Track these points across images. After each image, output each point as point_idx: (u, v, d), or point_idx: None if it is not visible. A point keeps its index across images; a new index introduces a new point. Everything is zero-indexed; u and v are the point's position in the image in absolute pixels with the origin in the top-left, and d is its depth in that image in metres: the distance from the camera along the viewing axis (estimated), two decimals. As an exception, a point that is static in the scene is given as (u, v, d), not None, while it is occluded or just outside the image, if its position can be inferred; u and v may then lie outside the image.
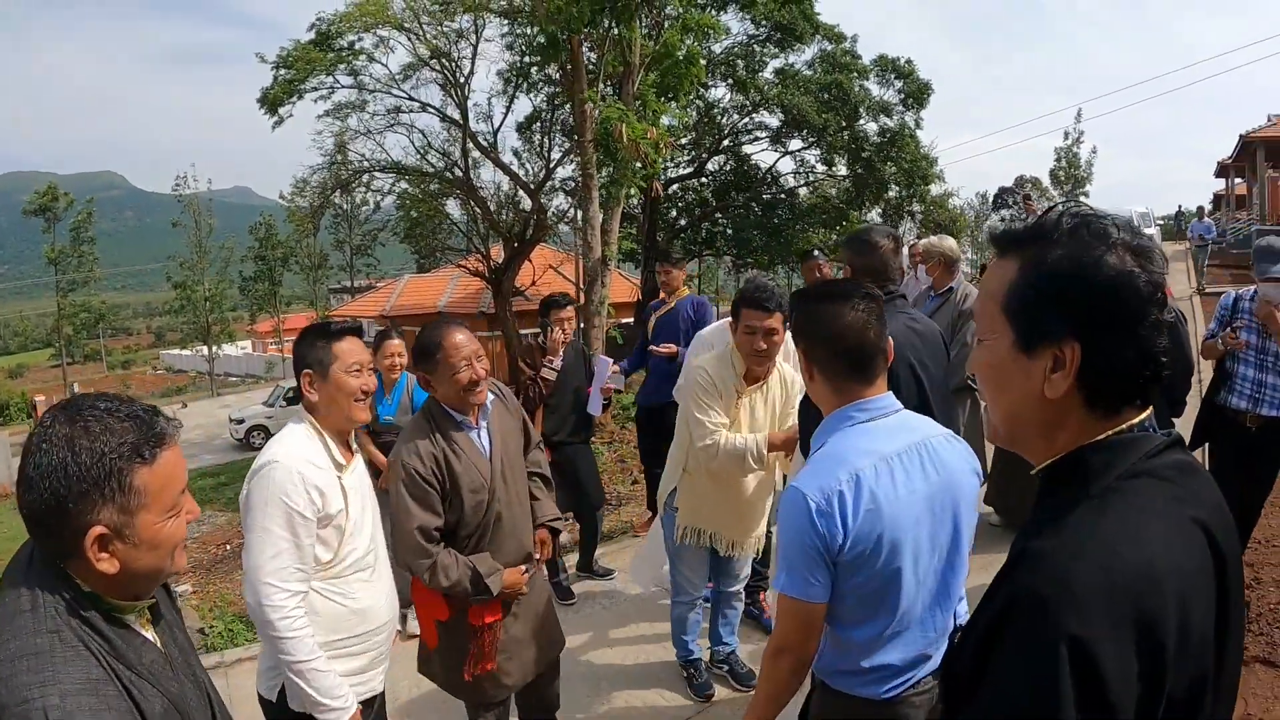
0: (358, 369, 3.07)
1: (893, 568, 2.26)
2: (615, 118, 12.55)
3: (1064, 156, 56.78)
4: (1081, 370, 1.32)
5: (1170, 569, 1.19)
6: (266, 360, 62.87)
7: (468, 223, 26.34)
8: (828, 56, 28.47)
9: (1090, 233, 1.34)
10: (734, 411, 4.18)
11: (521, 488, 3.73)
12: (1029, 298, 1.37)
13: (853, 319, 2.38)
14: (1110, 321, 1.30)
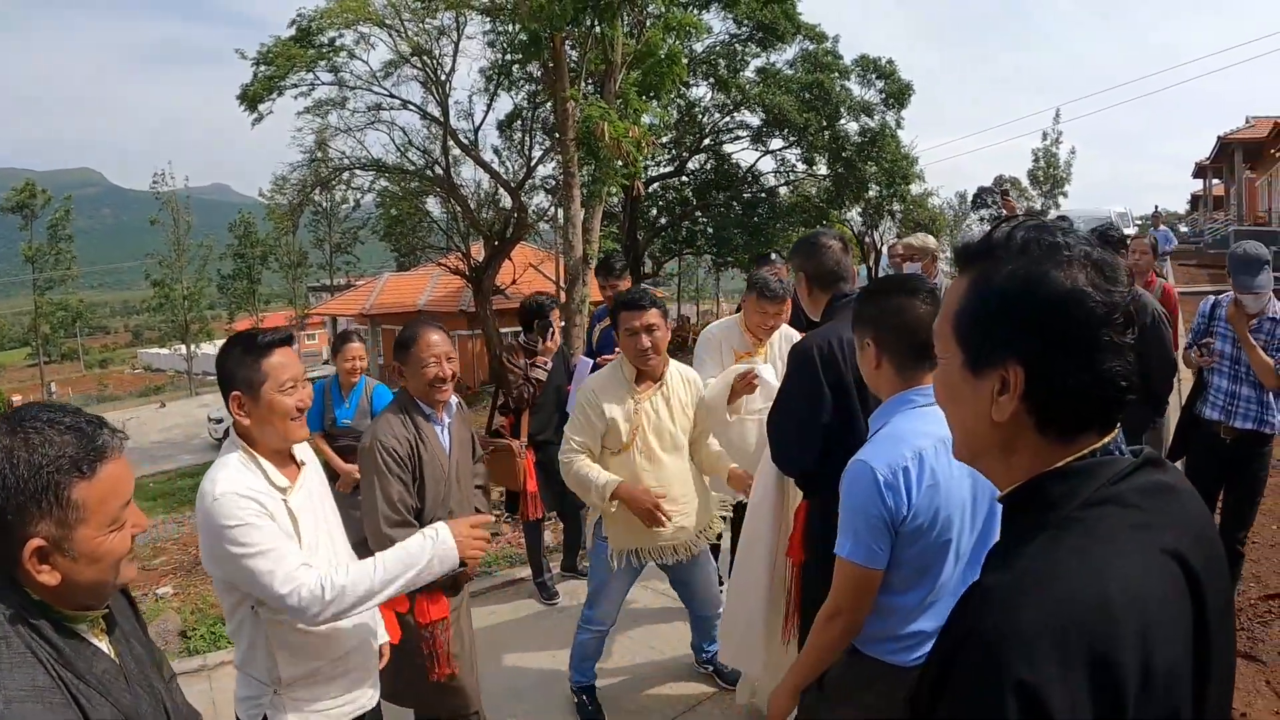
0: (291, 385, 2.77)
1: (944, 540, 2.45)
2: (597, 116, 12.53)
3: (1043, 157, 57.13)
4: (1029, 394, 1.26)
5: (1130, 604, 1.12)
6: (244, 360, 62.71)
7: (448, 221, 26.34)
8: (809, 56, 28.61)
9: (1041, 247, 1.27)
10: (636, 418, 4.18)
11: (469, 494, 3.83)
12: (975, 317, 1.31)
13: (924, 312, 2.50)
14: (1057, 344, 1.23)
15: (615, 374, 4.25)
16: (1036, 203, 58.14)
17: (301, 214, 28.21)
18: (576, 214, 14.14)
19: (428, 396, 3.59)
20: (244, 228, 53.73)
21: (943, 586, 2.51)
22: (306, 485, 2.90)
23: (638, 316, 4.10)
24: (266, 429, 2.77)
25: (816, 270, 3.66)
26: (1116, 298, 1.24)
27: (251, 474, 2.71)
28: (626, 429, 4.17)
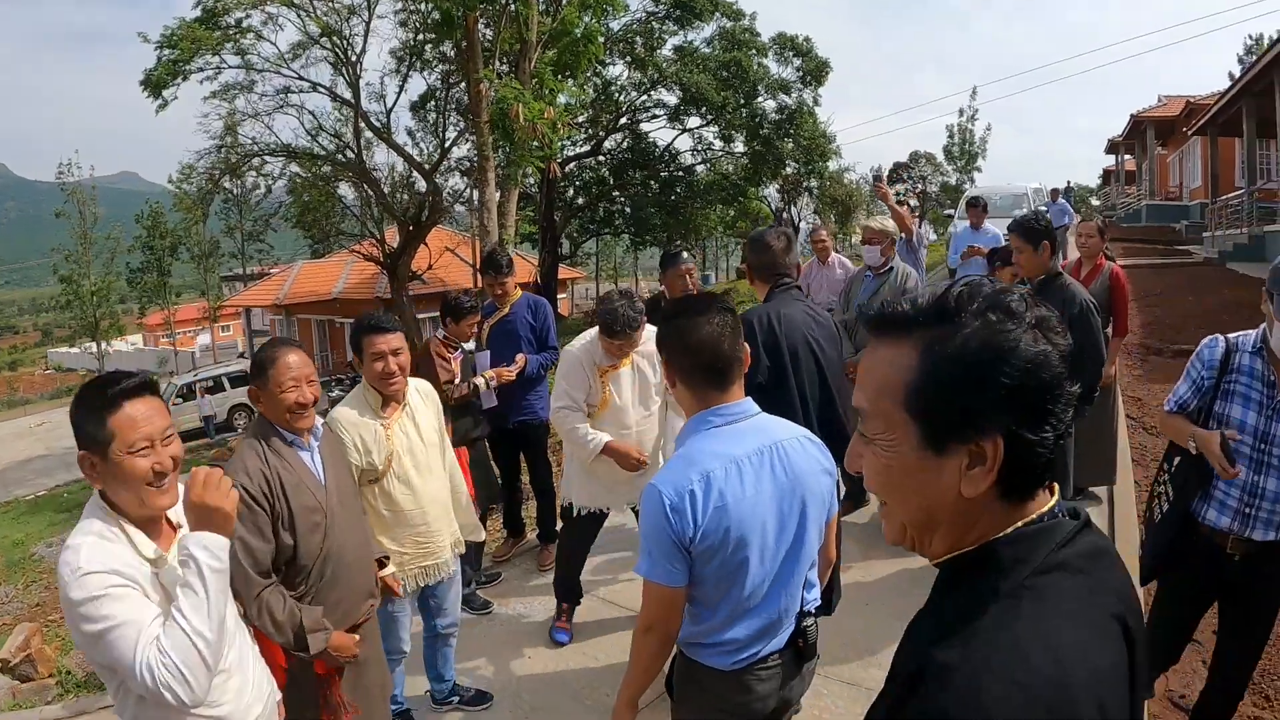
0: (146, 445, 2.36)
1: (740, 557, 2.51)
2: (511, 98, 12.26)
3: (958, 133, 58.14)
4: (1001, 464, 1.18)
5: (1089, 677, 1.11)
6: (159, 355, 60.97)
7: (361, 206, 25.78)
8: (727, 34, 28.63)
9: (1000, 312, 1.20)
10: (388, 444, 4.07)
11: (357, 519, 3.61)
12: (939, 390, 1.20)
13: (709, 332, 2.58)
14: (1033, 408, 1.18)
15: (361, 401, 4.11)
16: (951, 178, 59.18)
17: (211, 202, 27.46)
18: (491, 197, 13.90)
19: (288, 424, 3.31)
20: (152, 218, 52.08)
21: (751, 598, 2.58)
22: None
23: (382, 340, 4.00)
24: (121, 494, 2.39)
25: (759, 264, 4.35)
26: (1066, 351, 1.21)
27: (115, 544, 2.35)
28: (380, 456, 4.05)
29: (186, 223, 42.11)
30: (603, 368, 4.95)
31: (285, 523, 3.19)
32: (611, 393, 4.94)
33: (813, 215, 58.85)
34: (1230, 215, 22.94)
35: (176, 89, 19.67)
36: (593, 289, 63.20)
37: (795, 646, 2.73)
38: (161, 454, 2.39)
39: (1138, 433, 8.24)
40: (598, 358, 4.94)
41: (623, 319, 4.67)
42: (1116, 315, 6.60)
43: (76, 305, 49.34)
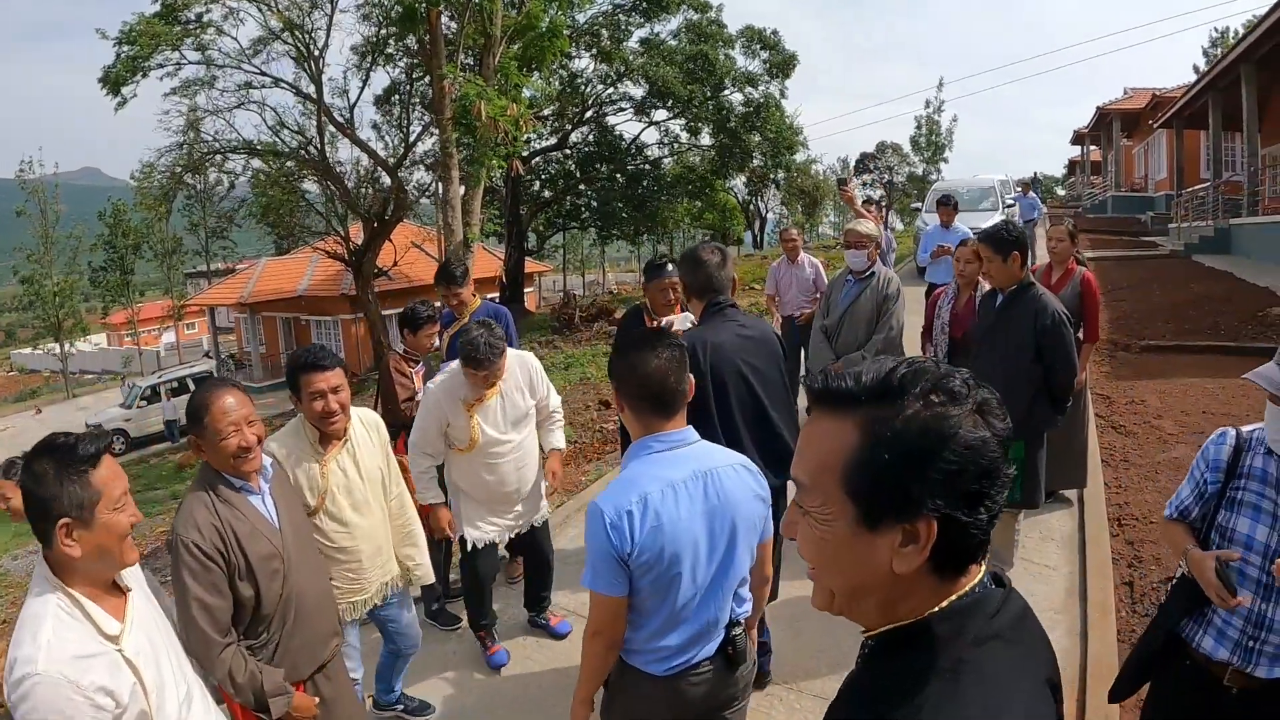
0: (120, 508, 2.32)
1: (674, 573, 2.73)
2: (474, 95, 12.10)
3: (925, 124, 58.56)
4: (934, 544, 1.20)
5: None
6: (123, 355, 60.24)
7: (325, 203, 25.53)
8: (693, 26, 28.56)
9: (942, 394, 1.21)
10: (324, 482, 3.92)
11: (315, 559, 3.54)
12: (877, 472, 1.21)
13: (657, 366, 2.79)
14: (969, 492, 1.19)
15: (297, 436, 3.95)
16: (919, 168, 59.56)
17: (174, 200, 27.09)
18: (456, 195, 13.75)
19: (234, 469, 3.17)
20: (115, 216, 51.34)
21: (684, 610, 2.80)
22: (138, 619, 2.45)
23: (321, 379, 3.82)
24: (103, 559, 2.31)
25: (693, 282, 4.24)
26: (1005, 434, 1.22)
27: (77, 627, 2.25)
28: (313, 495, 3.90)
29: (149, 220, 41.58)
30: (469, 402, 4.80)
31: (242, 574, 3.09)
32: (479, 428, 4.80)
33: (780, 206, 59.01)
34: (1196, 208, 23.09)
35: (136, 86, 19.45)
36: (560, 282, 63.03)
37: (725, 654, 2.92)
38: (133, 508, 2.36)
39: (1106, 433, 8.21)
40: (462, 393, 4.79)
41: (484, 348, 4.56)
42: (1087, 321, 6.56)
43: (39, 306, 48.69)
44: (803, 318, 8.69)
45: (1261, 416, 2.92)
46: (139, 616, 2.46)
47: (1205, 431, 7.63)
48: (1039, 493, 5.31)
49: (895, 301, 6.14)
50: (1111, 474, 7.24)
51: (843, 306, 6.31)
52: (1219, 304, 13.47)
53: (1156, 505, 6.43)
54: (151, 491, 18.10)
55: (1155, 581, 5.46)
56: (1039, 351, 5.00)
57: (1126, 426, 8.41)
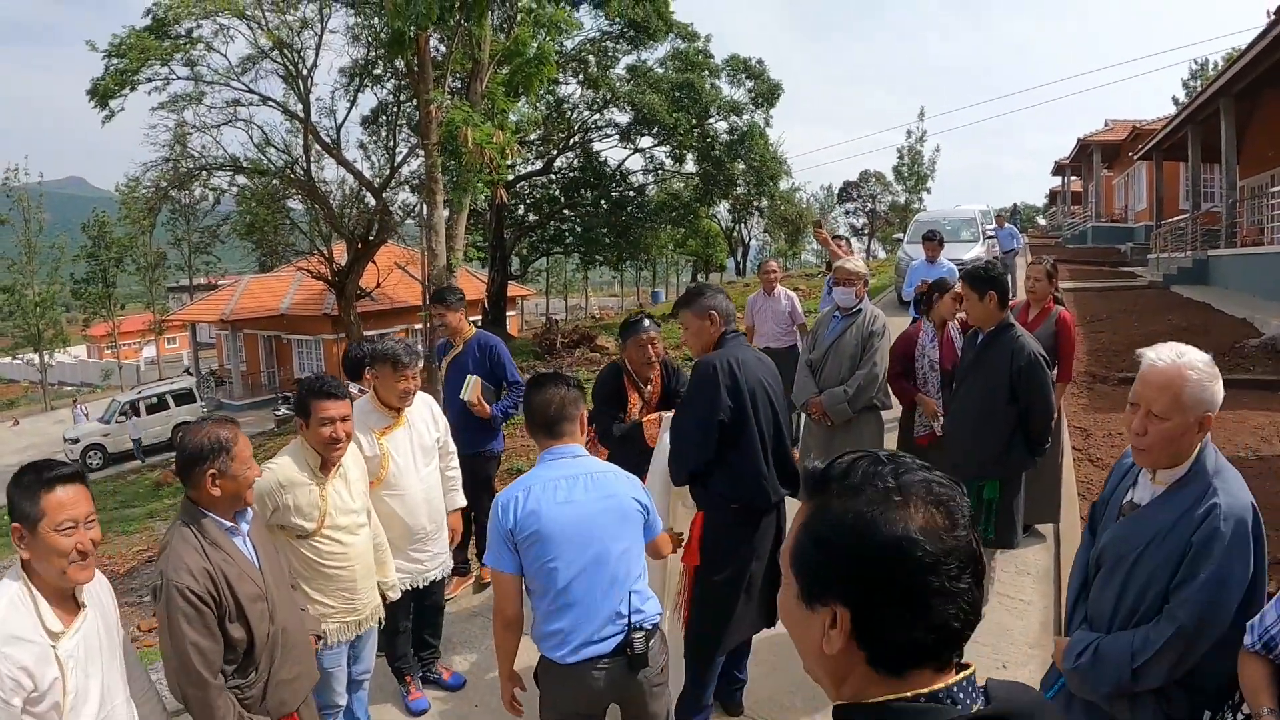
0: (70, 526, 2.64)
1: (549, 556, 3.20)
2: (460, 121, 12.14)
3: (907, 154, 59.00)
4: (858, 633, 1.22)
5: None
6: (103, 367, 59.86)
7: (309, 222, 25.54)
8: (680, 55, 28.76)
9: (876, 489, 1.23)
10: (323, 504, 4.12)
11: (290, 596, 3.65)
12: (805, 554, 1.28)
13: (546, 398, 3.42)
14: (882, 592, 1.20)
15: (299, 458, 4.13)
16: (901, 197, 59.97)
17: (158, 213, 27.04)
18: (439, 219, 13.78)
19: (233, 507, 3.32)
20: (99, 227, 51.15)
21: (565, 594, 3.22)
22: (84, 630, 2.76)
23: (333, 407, 4.08)
24: (45, 566, 2.66)
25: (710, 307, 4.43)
26: (952, 542, 1.20)
27: (24, 613, 2.62)
28: (314, 516, 4.10)
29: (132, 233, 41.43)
30: (379, 430, 4.88)
31: (233, 616, 3.18)
32: (390, 453, 4.87)
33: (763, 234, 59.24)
34: (1175, 239, 23.27)
35: (124, 99, 19.45)
36: (543, 305, 63.04)
37: (625, 653, 3.24)
38: (83, 536, 2.67)
39: (1083, 465, 8.25)
40: (371, 422, 4.87)
41: (404, 351, 4.86)
42: (1061, 360, 6.57)
43: (19, 315, 48.32)
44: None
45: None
46: (86, 631, 2.76)
47: (1180, 465, 7.79)
48: (1014, 533, 5.32)
49: (880, 338, 6.19)
50: (1087, 507, 7.11)
51: (828, 341, 6.37)
52: (1196, 335, 13.41)
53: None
54: (128, 509, 18.01)
55: (1130, 616, 5.47)
56: (1014, 392, 5.05)
57: (1104, 460, 8.40)
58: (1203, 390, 2.54)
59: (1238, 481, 2.61)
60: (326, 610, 4.16)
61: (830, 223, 63.87)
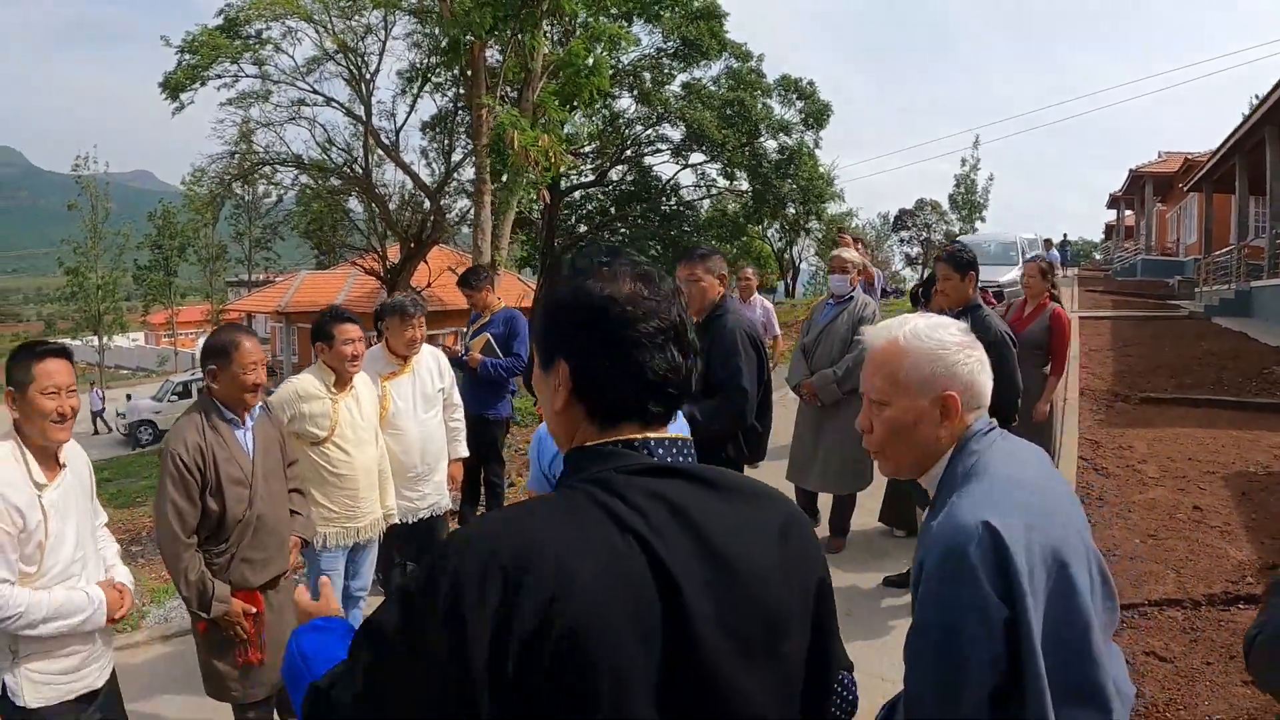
0: (54, 390, 3.16)
1: None
2: (509, 124, 12.64)
3: (963, 183, 58.62)
4: (576, 385, 1.43)
5: (557, 562, 1.24)
6: (159, 353, 61.16)
7: (366, 221, 26.22)
8: (734, 73, 28.98)
9: (594, 264, 1.47)
10: (334, 416, 4.77)
11: (281, 494, 4.18)
12: (540, 324, 1.52)
13: None
14: (591, 342, 1.42)
15: (317, 376, 4.81)
16: (955, 226, 59.65)
17: (221, 206, 27.83)
18: (486, 219, 14.27)
19: (239, 402, 3.91)
20: (163, 218, 52.40)
21: None
22: (64, 485, 3.28)
23: (352, 329, 4.76)
24: (30, 426, 3.17)
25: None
26: (652, 305, 1.43)
27: (16, 466, 3.14)
28: (325, 425, 4.73)
29: (195, 224, 42.41)
30: (384, 375, 5.44)
31: (213, 490, 3.77)
32: (391, 395, 5.40)
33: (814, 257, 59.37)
34: (1219, 271, 23.15)
35: (194, 93, 20.27)
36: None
37: None
38: (64, 401, 3.18)
39: (1087, 474, 8.46)
40: (379, 367, 5.43)
41: (410, 302, 5.50)
42: (1054, 355, 6.81)
43: (81, 298, 49.46)
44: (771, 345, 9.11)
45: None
46: (66, 487, 3.29)
47: (1189, 477, 8.04)
48: None
49: (870, 324, 6.51)
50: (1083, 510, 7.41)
51: (820, 325, 6.69)
52: (1225, 360, 13.54)
53: (1123, 540, 6.67)
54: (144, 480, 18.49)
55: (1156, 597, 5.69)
56: None
57: (1108, 469, 8.59)
58: (932, 363, 1.97)
59: (986, 490, 1.86)
60: (329, 514, 4.76)
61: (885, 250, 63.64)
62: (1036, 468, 1.99)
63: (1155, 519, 7.10)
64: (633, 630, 1.27)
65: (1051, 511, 1.84)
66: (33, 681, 3.19)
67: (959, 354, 1.98)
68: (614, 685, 1.24)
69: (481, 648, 1.21)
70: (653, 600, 1.30)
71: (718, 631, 1.33)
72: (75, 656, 3.31)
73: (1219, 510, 7.11)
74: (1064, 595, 1.77)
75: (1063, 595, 1.77)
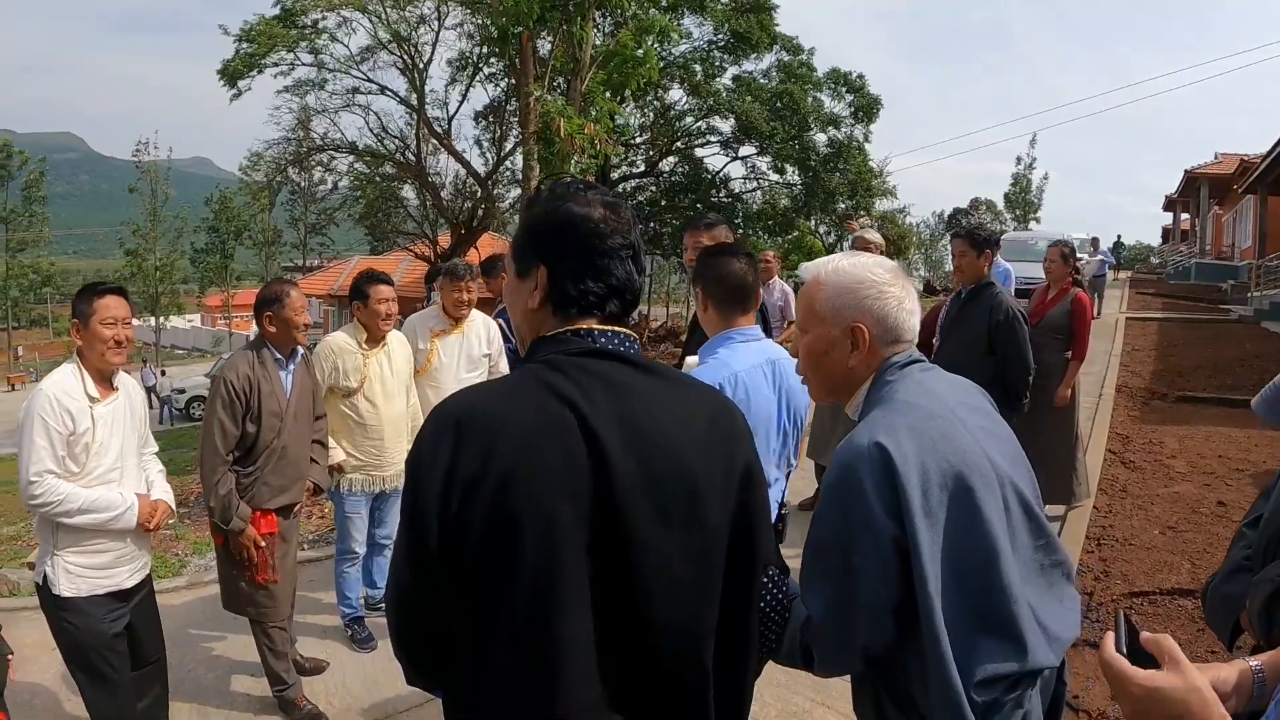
0: (112, 321, 3.65)
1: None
2: (555, 112, 12.87)
3: (1019, 181, 58.10)
4: (550, 285, 1.71)
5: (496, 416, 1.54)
6: (214, 335, 62.24)
7: (419, 208, 26.61)
8: (785, 66, 28.89)
9: (558, 191, 1.78)
10: (364, 370, 5.22)
11: (305, 435, 4.71)
12: (519, 238, 1.80)
13: (737, 268, 3.27)
14: (564, 251, 1.71)
15: (351, 333, 5.27)
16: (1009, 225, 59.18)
17: (278, 191, 28.35)
18: (535, 206, 14.51)
19: (289, 341, 4.53)
20: (220, 203, 53.35)
21: None
22: (114, 405, 3.77)
23: (387, 290, 5.25)
24: (90, 351, 3.68)
25: None
26: (616, 225, 1.72)
27: (74, 380, 3.65)
28: (355, 378, 5.20)
29: (252, 209, 43.13)
30: (435, 331, 5.84)
31: (253, 416, 4.37)
32: (437, 351, 5.80)
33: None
34: (1270, 275, 22.87)
35: (251, 81, 20.74)
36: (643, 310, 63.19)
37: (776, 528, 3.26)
38: (120, 330, 3.69)
39: (1114, 466, 8.52)
40: (432, 324, 5.88)
41: (462, 265, 5.89)
42: (1076, 339, 6.77)
43: (139, 279, 50.47)
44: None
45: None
46: (115, 406, 3.77)
47: (1217, 474, 8.12)
48: None
49: None
50: (1105, 500, 7.54)
51: None
52: (1269, 363, 13.32)
53: (1141, 530, 6.78)
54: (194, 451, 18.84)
55: (1116, 595, 5.70)
56: (992, 346, 5.42)
57: (1136, 462, 8.70)
58: (841, 294, 2.10)
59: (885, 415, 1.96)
60: (356, 462, 5.27)
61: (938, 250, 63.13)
62: (949, 397, 2.04)
63: (1177, 512, 7.17)
64: (562, 483, 1.51)
65: (953, 436, 1.90)
66: (68, 573, 3.64)
67: (872, 289, 2.08)
68: (544, 528, 1.50)
69: (434, 489, 1.53)
70: (581, 459, 1.53)
71: (638, 491, 1.54)
72: (107, 554, 3.74)
73: (1243, 506, 6.99)
74: (964, 519, 1.83)
75: (963, 519, 1.83)
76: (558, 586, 1.50)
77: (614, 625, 1.54)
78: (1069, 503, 6.92)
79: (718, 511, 1.65)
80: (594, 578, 1.53)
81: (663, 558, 1.57)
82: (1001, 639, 1.83)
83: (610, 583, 1.54)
